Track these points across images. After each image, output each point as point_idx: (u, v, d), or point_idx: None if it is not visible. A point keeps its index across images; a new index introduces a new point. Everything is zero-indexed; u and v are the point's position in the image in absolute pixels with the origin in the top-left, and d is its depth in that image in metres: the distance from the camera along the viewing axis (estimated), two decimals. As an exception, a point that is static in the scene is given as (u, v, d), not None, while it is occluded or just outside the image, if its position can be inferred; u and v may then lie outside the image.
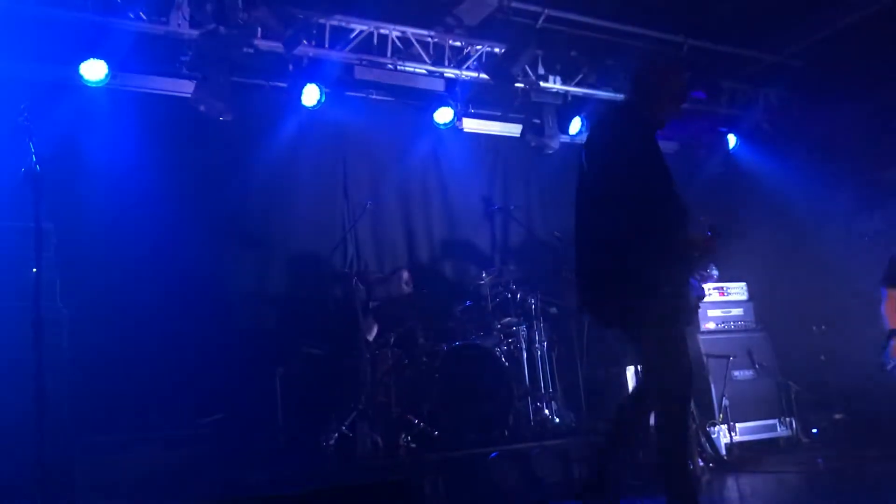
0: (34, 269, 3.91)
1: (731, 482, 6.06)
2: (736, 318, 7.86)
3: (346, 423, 6.10)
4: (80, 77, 6.33)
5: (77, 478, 4.93)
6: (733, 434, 7.07)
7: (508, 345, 6.97)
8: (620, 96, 8.33)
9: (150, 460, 5.19)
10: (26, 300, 3.92)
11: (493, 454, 5.60)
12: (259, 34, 6.79)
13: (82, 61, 6.29)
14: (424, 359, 6.37)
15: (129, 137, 6.66)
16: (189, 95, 6.69)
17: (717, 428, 6.97)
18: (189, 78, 6.81)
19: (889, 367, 6.28)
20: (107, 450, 5.13)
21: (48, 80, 6.43)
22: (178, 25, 6.50)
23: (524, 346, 6.99)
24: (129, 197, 6.54)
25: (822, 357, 7.93)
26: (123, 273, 6.39)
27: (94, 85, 6.40)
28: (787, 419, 7.54)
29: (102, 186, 6.46)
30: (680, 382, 3.78)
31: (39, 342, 3.70)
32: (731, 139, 9.18)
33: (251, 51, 6.80)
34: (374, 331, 7.01)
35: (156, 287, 6.45)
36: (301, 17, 6.79)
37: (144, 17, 6.41)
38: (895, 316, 6.27)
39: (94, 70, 6.32)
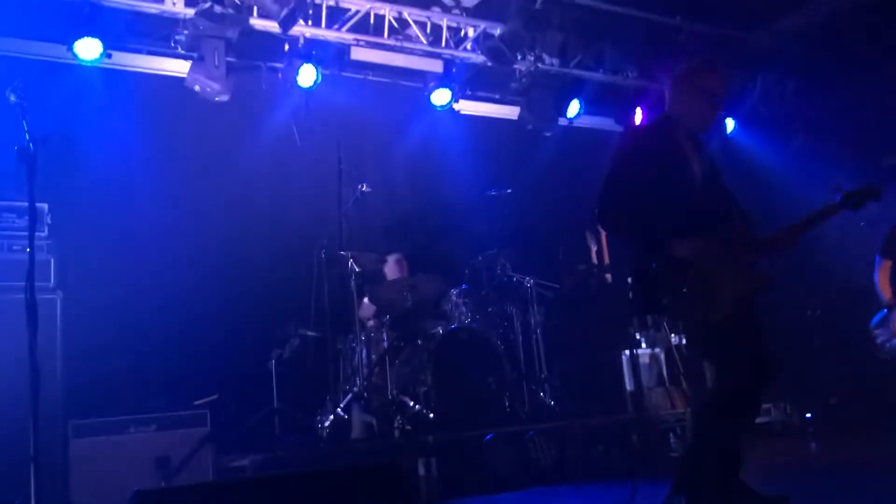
0: (27, 250, 3.87)
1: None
2: (731, 303, 7.85)
3: (342, 406, 6.10)
4: (75, 56, 6.27)
5: (71, 459, 4.94)
6: (727, 418, 7.07)
7: (504, 328, 6.97)
8: (618, 79, 8.31)
9: (143, 442, 5.19)
10: (19, 280, 3.89)
11: (487, 437, 5.61)
12: (255, 13, 6.73)
13: (76, 40, 6.22)
14: (419, 342, 6.37)
15: (124, 117, 6.63)
16: (184, 75, 6.64)
17: (711, 412, 6.97)
18: (184, 58, 6.77)
19: (881, 340, 6.32)
20: (100, 431, 5.12)
21: (42, 58, 6.38)
22: (174, 4, 6.45)
23: (519, 330, 7.00)
24: (124, 177, 6.51)
25: (817, 342, 7.95)
26: (118, 254, 6.38)
27: (88, 64, 6.35)
28: (781, 404, 7.55)
29: (97, 166, 6.43)
30: None
31: (33, 323, 3.68)
32: (729, 123, 9.16)
33: (247, 31, 6.74)
34: (370, 313, 7.01)
35: (150, 268, 6.44)
36: (297, -5, 6.73)
37: (138, -6, 6.35)
38: (887, 286, 6.31)
39: (88, 49, 6.26)
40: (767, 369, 3.74)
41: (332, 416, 6.07)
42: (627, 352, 6.86)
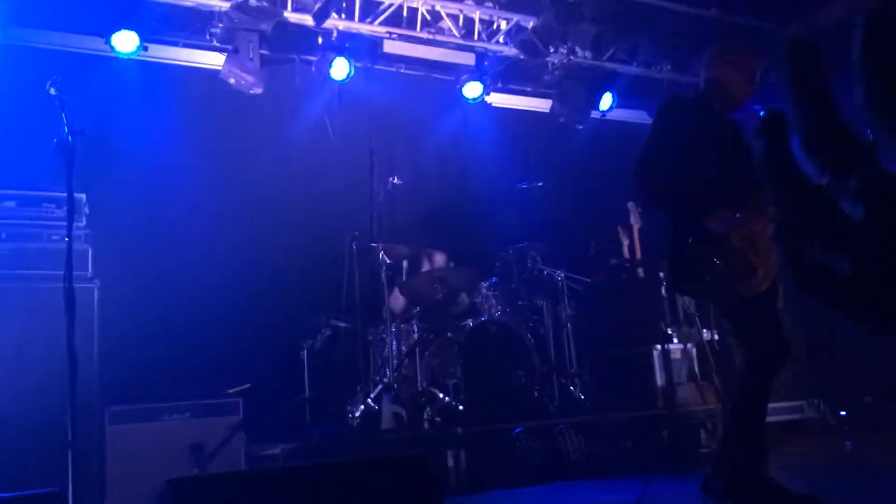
0: (66, 239, 3.94)
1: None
2: (763, 298, 7.77)
3: (372, 396, 6.15)
4: (112, 48, 6.36)
5: (107, 446, 5.03)
6: (760, 415, 7.01)
7: (534, 321, 6.96)
8: (651, 72, 8.25)
9: (177, 429, 5.26)
10: (58, 270, 3.96)
11: (517, 430, 5.62)
12: (289, 6, 6.78)
13: (114, 33, 6.32)
14: (450, 334, 6.39)
15: (161, 109, 6.71)
16: (219, 68, 6.71)
17: (743, 408, 6.92)
18: (220, 50, 6.84)
19: None
20: (136, 418, 5.20)
21: (80, 51, 6.47)
22: (210, -3, 6.52)
23: (550, 324, 6.99)
24: (161, 169, 6.59)
25: (853, 338, 7.83)
26: (154, 244, 6.46)
27: (125, 57, 6.44)
28: (815, 401, 7.47)
29: (134, 158, 6.52)
30: None
31: (71, 311, 3.75)
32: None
33: (281, 23, 6.79)
34: (401, 305, 7.05)
35: (185, 258, 6.52)
36: (331, -12, 6.77)
37: (175, -12, 6.42)
38: None
39: (125, 42, 6.36)
40: (786, 350, 3.79)
41: (362, 407, 6.12)
42: (658, 347, 6.82)
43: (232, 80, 6.68)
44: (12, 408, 4.77)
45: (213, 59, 6.92)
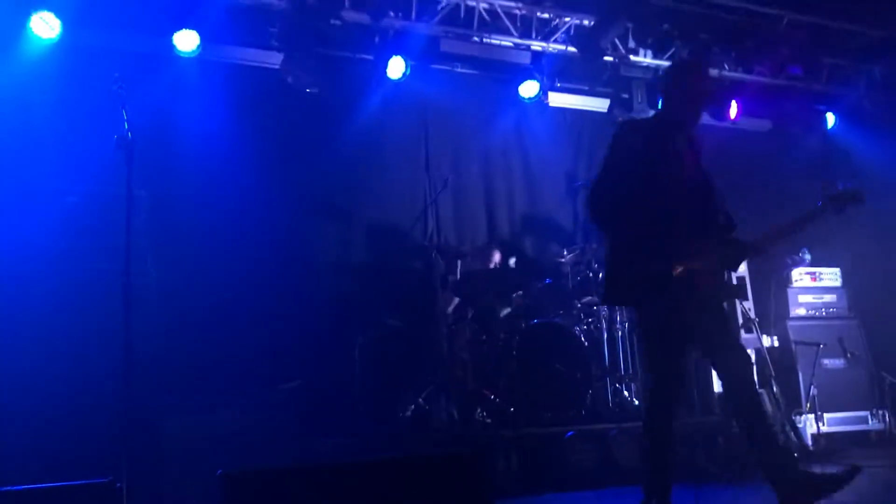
0: (126, 236, 4.01)
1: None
2: (828, 305, 7.58)
3: (423, 395, 6.13)
4: (173, 48, 6.47)
5: (162, 438, 5.10)
6: (821, 424, 6.83)
7: (588, 324, 6.88)
8: (713, 71, 8.07)
9: (230, 424, 5.32)
10: (118, 264, 4.03)
11: (568, 433, 5.56)
12: (347, 5, 6.81)
13: (175, 32, 6.42)
14: (502, 335, 6.34)
15: (219, 108, 6.79)
16: (277, 67, 6.77)
17: (803, 417, 6.76)
18: (278, 50, 6.89)
19: None
20: (190, 412, 5.28)
21: (142, 50, 6.59)
22: (268, -3, 6.58)
23: (604, 327, 6.89)
24: (219, 166, 6.67)
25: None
26: (211, 240, 6.54)
27: (186, 55, 6.53)
28: (880, 412, 7.24)
29: (193, 155, 6.61)
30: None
31: (128, 306, 3.82)
32: (830, 118, 8.79)
33: (338, 23, 6.83)
34: (453, 304, 7.02)
35: (240, 254, 6.59)
36: (388, -13, 6.78)
37: (235, -12, 6.50)
38: None
39: (186, 41, 6.45)
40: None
41: (413, 406, 6.11)
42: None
43: (289, 79, 6.73)
44: (70, 399, 4.88)
45: (271, 58, 6.98)
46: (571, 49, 7.60)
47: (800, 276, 7.65)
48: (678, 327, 3.78)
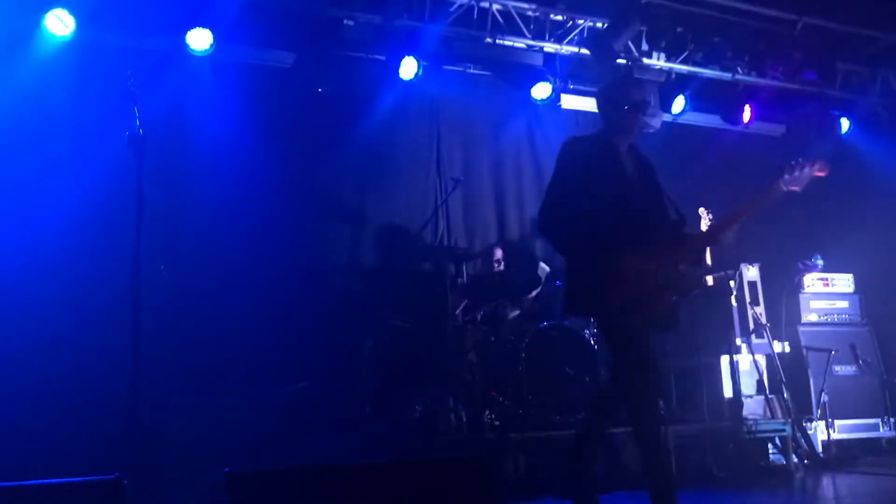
0: (135, 232, 4.02)
1: (826, 481, 5.84)
2: (840, 311, 7.53)
3: (431, 397, 6.12)
4: (186, 46, 6.48)
5: (169, 436, 5.11)
6: (831, 431, 6.78)
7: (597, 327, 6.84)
8: (727, 75, 8.04)
9: (238, 423, 5.32)
10: (128, 262, 4.04)
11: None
12: (359, 6, 6.80)
13: (188, 31, 6.43)
14: (511, 337, 6.33)
15: (231, 106, 6.81)
16: (289, 67, 6.78)
17: (813, 424, 6.71)
18: (290, 49, 6.90)
19: None
20: (198, 411, 5.28)
21: (156, 48, 6.61)
22: (281, -5, 6.58)
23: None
24: (229, 164, 6.68)
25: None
26: (221, 239, 6.55)
27: (198, 54, 6.54)
28: (891, 419, 7.19)
29: (204, 154, 6.63)
30: None
31: (137, 303, 3.82)
32: (844, 123, 8.73)
33: (351, 23, 6.83)
34: (462, 306, 7.01)
35: (251, 254, 6.60)
36: (401, -12, 6.77)
37: (248, -13, 6.50)
38: None
39: (199, 39, 6.46)
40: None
41: (420, 407, 6.09)
42: (727, 357, 6.64)
43: (301, 79, 6.73)
44: (79, 396, 4.90)
45: (283, 58, 7.00)
46: (584, 51, 7.58)
47: (812, 281, 7.60)
48: (637, 333, 3.91)
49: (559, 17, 7.50)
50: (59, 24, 6.05)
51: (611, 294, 3.85)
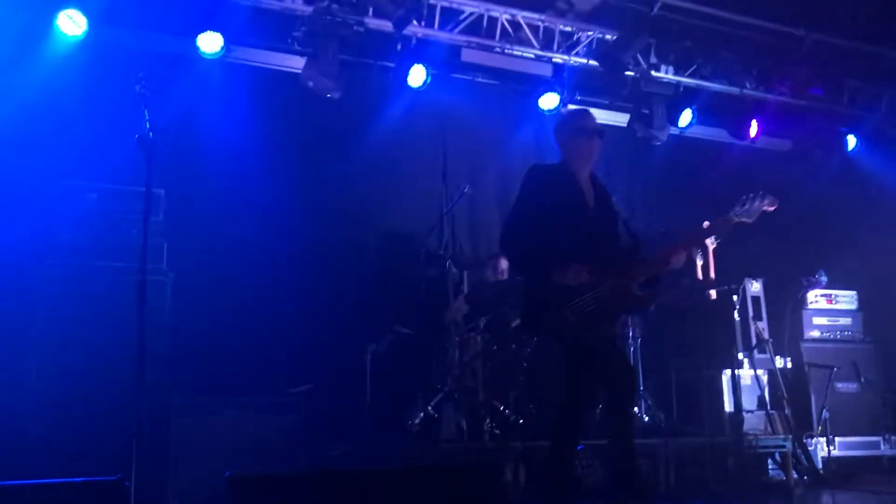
0: (143, 234, 4.04)
1: (825, 498, 5.82)
2: (843, 328, 7.53)
3: (432, 404, 6.12)
4: (197, 49, 6.51)
5: (172, 436, 5.13)
6: (832, 448, 6.78)
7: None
8: (734, 89, 8.06)
9: (239, 425, 5.34)
10: (135, 262, 4.06)
11: (578, 447, 5.52)
12: (370, 13, 6.83)
13: (199, 34, 6.46)
14: (513, 346, 6.33)
15: (240, 110, 6.85)
16: (299, 71, 6.81)
17: (814, 440, 6.71)
18: (300, 54, 6.93)
19: None
20: (201, 411, 5.29)
21: (167, 50, 6.65)
22: (293, 1, 6.61)
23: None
24: (237, 168, 6.72)
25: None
26: (228, 242, 6.59)
27: (209, 57, 6.57)
28: (893, 437, 7.17)
29: (213, 156, 6.66)
30: None
31: (142, 303, 3.84)
32: (851, 140, 8.74)
33: (361, 29, 6.85)
34: (465, 314, 7.01)
35: (256, 257, 6.64)
36: (412, -4, 6.79)
37: (260, -8, 6.53)
38: None
39: (210, 42, 6.49)
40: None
41: (422, 414, 6.10)
42: (729, 372, 6.64)
43: (311, 84, 6.76)
44: (83, 395, 4.91)
45: (293, 62, 7.02)
46: (593, 63, 7.60)
47: (815, 298, 7.60)
48: (580, 356, 4.15)
49: (568, 28, 7.52)
50: (72, 25, 6.09)
51: (562, 312, 4.05)
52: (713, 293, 7.05)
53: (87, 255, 5.32)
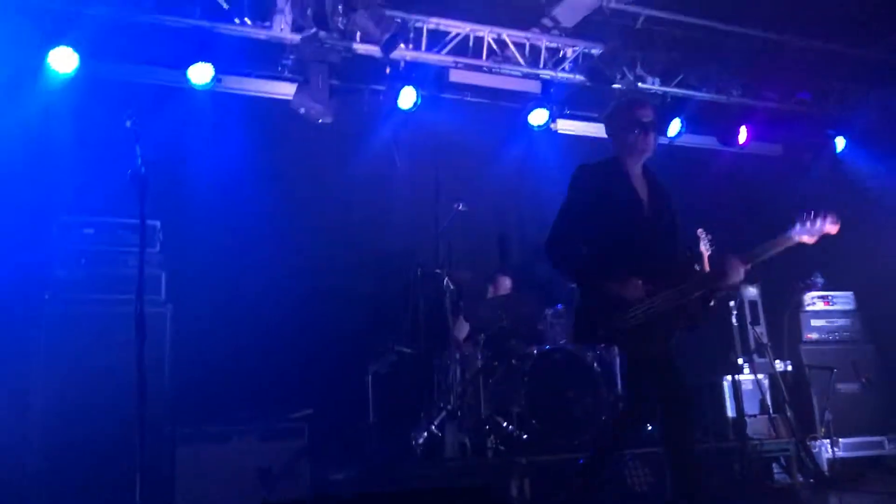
0: (138, 265, 4.08)
1: (831, 499, 5.82)
2: (841, 329, 7.54)
3: (436, 423, 6.13)
4: (188, 80, 6.58)
5: (176, 467, 5.13)
6: (836, 449, 6.78)
7: (600, 350, 6.85)
8: (721, 97, 8.13)
9: (245, 452, 5.34)
10: (132, 294, 4.09)
11: (581, 460, 5.53)
12: (358, 38, 6.91)
13: (190, 65, 6.53)
14: (514, 361, 6.35)
15: (233, 138, 6.91)
16: (290, 98, 6.87)
17: (818, 442, 6.71)
18: (290, 81, 7.00)
19: None
20: (205, 440, 5.30)
21: (158, 83, 6.72)
22: (281, 30, 6.68)
23: (616, 352, 6.86)
24: (232, 196, 6.77)
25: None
26: (225, 270, 6.63)
27: (200, 88, 6.64)
28: (896, 436, 7.18)
29: (207, 186, 6.71)
30: None
31: (141, 334, 3.86)
32: (840, 142, 8.80)
33: (350, 55, 6.93)
34: (465, 332, 7.04)
35: (254, 284, 6.67)
36: (399, 20, 6.87)
37: (249, 21, 6.60)
38: None
39: (201, 73, 6.56)
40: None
41: (425, 434, 6.11)
42: (729, 377, 6.65)
43: (302, 110, 6.82)
44: (85, 428, 4.93)
45: (283, 90, 7.10)
46: (580, 77, 7.67)
47: (812, 300, 7.62)
48: (640, 364, 4.00)
49: (553, 45, 7.60)
50: (63, 62, 6.15)
51: (616, 323, 3.87)
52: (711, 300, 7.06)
53: (85, 289, 5.36)
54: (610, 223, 3.99)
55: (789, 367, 7.09)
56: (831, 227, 4.08)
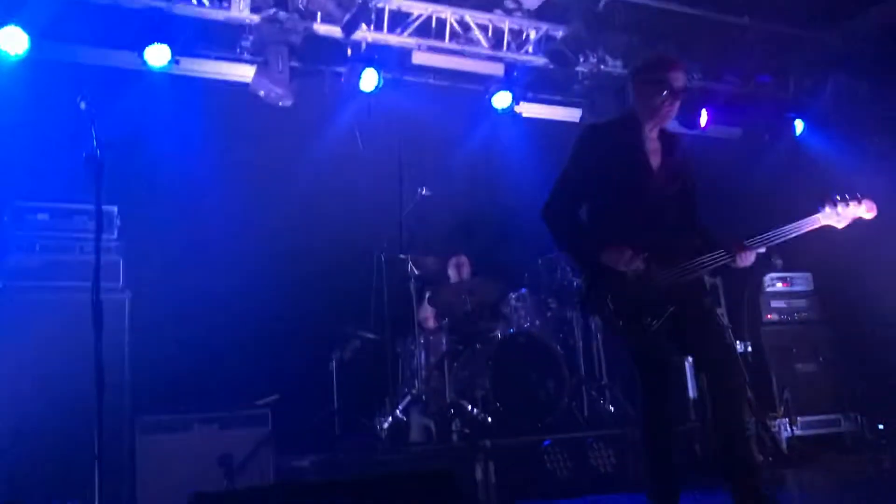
0: (94, 252, 3.99)
1: (790, 477, 5.92)
2: (800, 309, 7.66)
3: (400, 408, 6.13)
4: (144, 62, 6.43)
5: (137, 456, 5.06)
6: (794, 428, 6.90)
7: (564, 333, 6.90)
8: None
9: (207, 440, 5.29)
10: (89, 281, 4.00)
11: (546, 442, 5.57)
12: (318, 19, 6.81)
13: (146, 47, 6.39)
14: (478, 345, 6.36)
15: (192, 122, 6.78)
16: (249, 80, 6.76)
17: (777, 421, 6.82)
18: (249, 63, 6.89)
19: None
20: (165, 429, 5.24)
21: (113, 65, 6.56)
22: (240, 10, 6.56)
23: (580, 335, 6.91)
24: (191, 181, 6.66)
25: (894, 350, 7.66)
26: (185, 256, 6.53)
27: (157, 70, 6.50)
28: (852, 414, 7.32)
29: (165, 170, 6.59)
30: None
31: (98, 322, 3.79)
32: (799, 125, 8.91)
33: (310, 36, 6.82)
34: (429, 316, 7.03)
35: (215, 270, 6.57)
36: (360, 0, 6.78)
37: (206, 2, 6.47)
38: None
39: (157, 55, 6.42)
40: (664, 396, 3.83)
41: (390, 419, 6.11)
42: (690, 358, 6.72)
43: (262, 93, 6.72)
44: (42, 418, 4.83)
45: (243, 72, 6.97)
46: (543, 60, 7.65)
47: (771, 281, 7.72)
48: (646, 336, 3.68)
49: (516, 27, 7.56)
50: (12, 43, 5.97)
51: (612, 299, 3.60)
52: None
53: (41, 277, 5.23)
54: (612, 189, 3.65)
55: (749, 348, 7.18)
56: (867, 213, 3.77)
